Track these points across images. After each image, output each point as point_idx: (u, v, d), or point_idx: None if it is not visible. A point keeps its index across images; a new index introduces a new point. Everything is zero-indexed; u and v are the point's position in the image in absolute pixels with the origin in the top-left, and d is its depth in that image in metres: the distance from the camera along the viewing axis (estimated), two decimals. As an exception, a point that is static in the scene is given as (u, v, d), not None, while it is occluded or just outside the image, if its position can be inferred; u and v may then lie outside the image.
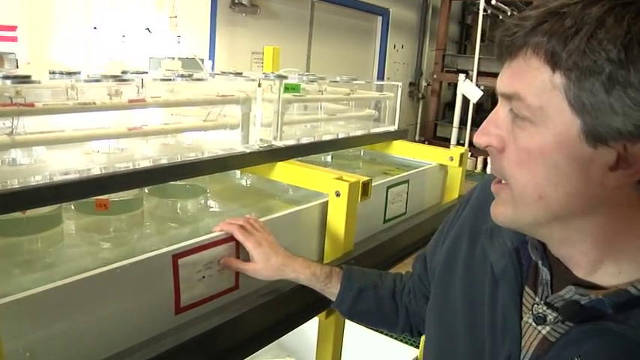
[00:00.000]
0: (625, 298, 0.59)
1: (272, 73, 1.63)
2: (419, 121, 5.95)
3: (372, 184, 1.29)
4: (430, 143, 5.40)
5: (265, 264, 1.00)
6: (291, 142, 1.41)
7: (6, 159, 1.02)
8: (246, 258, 1.03)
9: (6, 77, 0.92)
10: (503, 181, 0.64)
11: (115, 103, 1.07)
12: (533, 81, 0.56)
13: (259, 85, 1.27)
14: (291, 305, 1.12)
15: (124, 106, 1.08)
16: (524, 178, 0.60)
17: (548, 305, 0.65)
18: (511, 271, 0.70)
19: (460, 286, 0.80)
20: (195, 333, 0.92)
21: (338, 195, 1.22)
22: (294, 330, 1.18)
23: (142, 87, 1.11)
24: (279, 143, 1.37)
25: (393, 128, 1.92)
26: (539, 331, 0.66)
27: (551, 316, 0.65)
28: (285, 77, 1.46)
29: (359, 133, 1.76)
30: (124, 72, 1.24)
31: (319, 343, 1.36)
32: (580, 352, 0.60)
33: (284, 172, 1.35)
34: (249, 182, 1.62)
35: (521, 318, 0.68)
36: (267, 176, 1.38)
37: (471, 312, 0.76)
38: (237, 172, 1.60)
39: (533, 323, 0.66)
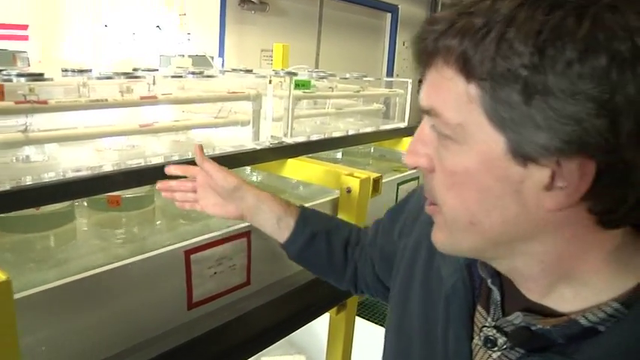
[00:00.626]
0: (575, 330, 0.52)
1: (282, 70, 1.63)
2: (428, 118, 5.94)
3: (383, 181, 1.29)
4: (439, 140, 5.39)
5: (229, 176, 0.97)
6: (302, 139, 1.42)
7: (19, 156, 1.03)
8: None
9: (20, 75, 0.93)
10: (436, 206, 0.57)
11: (127, 100, 1.08)
12: (448, 94, 0.48)
13: (270, 82, 1.28)
14: (302, 301, 1.12)
15: (136, 102, 1.09)
16: (454, 203, 0.52)
17: (498, 329, 0.58)
18: (461, 288, 0.64)
19: (418, 298, 0.73)
20: (207, 328, 0.93)
21: (349, 191, 1.22)
22: (304, 326, 1.18)
23: (154, 84, 1.12)
24: (289, 140, 1.38)
25: (402, 125, 1.92)
26: (490, 355, 0.59)
27: (501, 340, 0.58)
28: (295, 74, 1.46)
29: (368, 129, 1.76)
30: (134, 69, 1.25)
31: (330, 340, 1.37)
32: None
33: (295, 169, 1.36)
34: (259, 178, 1.63)
35: (472, 339, 0.62)
36: (277, 173, 1.39)
37: (427, 328, 0.70)
38: (248, 168, 1.60)
39: (484, 346, 0.60)
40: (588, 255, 0.51)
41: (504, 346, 0.57)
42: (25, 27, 2.23)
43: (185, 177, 1.04)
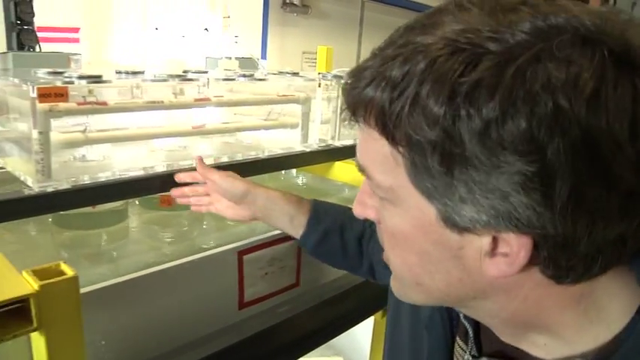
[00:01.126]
0: None
1: (329, 73, 1.64)
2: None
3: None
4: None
5: (236, 180, 0.96)
6: (349, 142, 1.42)
7: (76, 155, 1.06)
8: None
9: (81, 77, 0.96)
10: None
11: (182, 101, 1.10)
12: (376, 155, 0.44)
13: (319, 86, 1.28)
14: (349, 304, 1.13)
15: (190, 104, 1.11)
16: (398, 262, 0.50)
17: None
18: (438, 321, 0.61)
19: (406, 325, 0.71)
20: (257, 329, 0.94)
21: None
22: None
23: (207, 87, 1.14)
24: (337, 143, 1.38)
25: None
26: None
27: None
28: (342, 77, 1.47)
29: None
30: (185, 71, 1.27)
31: (373, 343, 1.36)
32: None
33: (342, 171, 1.37)
34: (305, 181, 1.64)
35: None
36: (325, 175, 1.40)
37: (415, 355, 0.68)
38: (293, 170, 1.62)
39: None
40: (550, 310, 0.46)
41: None
42: (76, 30, 2.30)
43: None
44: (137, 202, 1.20)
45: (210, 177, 0.98)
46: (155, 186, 1.04)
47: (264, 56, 3.13)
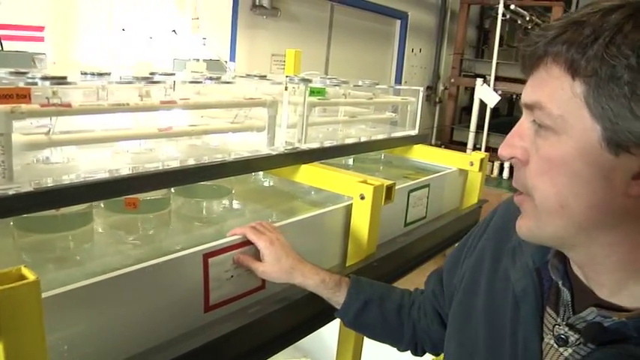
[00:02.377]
0: None
1: (296, 76, 1.64)
2: (436, 125, 5.94)
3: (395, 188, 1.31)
4: (446, 147, 5.37)
5: (275, 265, 0.99)
6: (315, 145, 1.43)
7: (40, 157, 1.05)
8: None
9: (45, 78, 0.95)
10: (526, 195, 0.64)
11: (147, 104, 1.09)
12: (554, 90, 0.56)
13: (286, 89, 1.29)
14: (316, 305, 1.13)
15: (156, 107, 1.10)
16: (546, 188, 0.59)
17: (570, 326, 0.64)
18: (532, 291, 0.69)
19: (482, 307, 0.78)
20: (223, 332, 0.94)
21: (362, 198, 1.23)
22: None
23: (173, 89, 1.13)
24: (303, 146, 1.39)
25: (413, 132, 1.93)
26: (561, 353, 0.64)
27: (573, 337, 0.63)
28: (309, 81, 1.47)
29: (381, 136, 1.77)
30: (152, 73, 1.26)
31: (340, 345, 1.38)
32: None
33: (308, 175, 1.37)
34: (272, 184, 1.64)
35: (542, 339, 0.67)
36: (291, 178, 1.40)
37: (493, 334, 0.74)
38: (261, 173, 1.62)
39: (555, 345, 0.65)
40: None
41: (577, 343, 0.62)
42: (41, 29, 2.25)
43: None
44: (102, 205, 1.19)
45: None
46: (120, 189, 1.03)
47: (233, 58, 3.11)
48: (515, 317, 0.71)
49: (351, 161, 1.86)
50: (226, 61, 1.88)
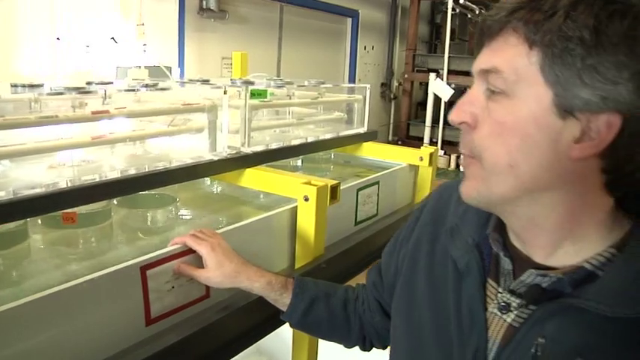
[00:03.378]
0: (582, 275, 0.63)
1: (239, 79, 1.63)
2: (392, 122, 5.99)
3: (342, 187, 1.30)
4: (403, 143, 5.44)
5: (218, 270, 0.98)
6: (260, 148, 1.42)
7: (-32, 175, 1.01)
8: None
9: (-34, 93, 0.91)
10: (472, 158, 0.67)
11: (78, 115, 1.06)
12: (511, 57, 0.61)
13: (225, 93, 1.28)
14: (264, 310, 1.12)
15: (88, 118, 1.07)
16: (497, 149, 0.63)
17: (512, 292, 0.68)
18: (474, 264, 0.73)
19: (425, 290, 0.81)
20: (167, 343, 0.92)
21: (307, 200, 1.22)
22: (272, 333, 1.18)
23: (106, 98, 1.11)
24: (247, 150, 1.37)
25: (362, 130, 1.93)
26: (505, 320, 0.68)
27: (514, 303, 0.67)
28: (251, 83, 1.46)
29: (328, 136, 1.77)
30: (88, 83, 1.23)
31: (294, 346, 1.37)
32: (544, 333, 0.63)
33: (253, 179, 1.36)
34: (219, 189, 1.62)
35: (487, 310, 0.70)
36: (236, 183, 1.38)
37: (438, 314, 0.77)
38: (207, 179, 1.59)
39: (498, 312, 0.69)
40: (591, 211, 0.63)
41: (519, 307, 0.67)
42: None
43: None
44: (39, 221, 1.15)
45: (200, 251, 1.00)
46: (57, 203, 1.00)
47: (181, 63, 3.08)
48: (458, 293, 0.74)
49: (299, 162, 1.85)
50: (169, 67, 1.85)
